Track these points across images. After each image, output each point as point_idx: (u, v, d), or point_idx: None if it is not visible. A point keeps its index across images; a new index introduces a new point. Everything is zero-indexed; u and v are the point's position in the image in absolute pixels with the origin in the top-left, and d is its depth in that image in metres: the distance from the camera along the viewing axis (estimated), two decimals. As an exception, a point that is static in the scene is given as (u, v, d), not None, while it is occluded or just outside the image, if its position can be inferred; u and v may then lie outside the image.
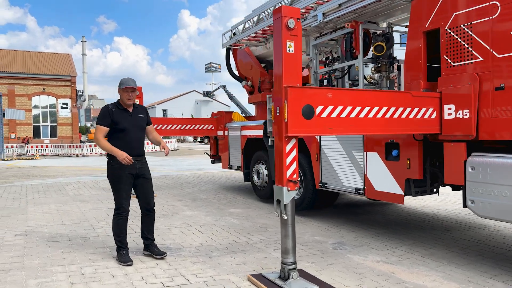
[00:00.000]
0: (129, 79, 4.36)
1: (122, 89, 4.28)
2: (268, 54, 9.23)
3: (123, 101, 4.32)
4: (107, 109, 4.29)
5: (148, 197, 4.49)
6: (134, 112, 4.38)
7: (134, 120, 4.33)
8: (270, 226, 6.07)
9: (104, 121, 4.21)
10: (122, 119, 4.25)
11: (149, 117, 4.60)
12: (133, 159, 4.20)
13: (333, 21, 6.32)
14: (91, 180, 12.26)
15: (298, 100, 3.47)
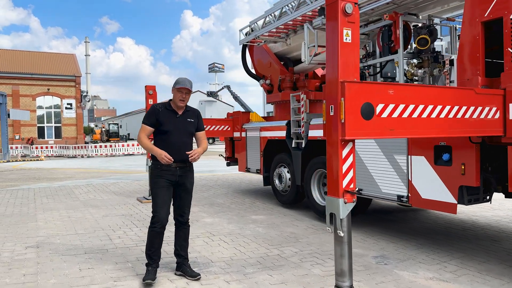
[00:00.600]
0: (186, 80, 3.94)
1: (176, 88, 3.87)
2: (288, 51, 8.76)
3: (174, 101, 3.92)
4: (154, 108, 3.91)
5: (183, 208, 4.04)
6: (184, 115, 3.95)
7: (180, 124, 3.89)
8: (299, 236, 5.59)
9: (148, 120, 3.86)
10: (168, 120, 3.84)
11: (201, 123, 4.14)
12: (174, 165, 3.83)
13: (367, 13, 5.85)
14: (101, 183, 11.82)
15: (357, 97, 2.99)
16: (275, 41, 8.55)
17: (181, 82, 3.87)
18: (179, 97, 3.85)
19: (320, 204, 6.48)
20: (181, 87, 3.83)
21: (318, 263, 4.43)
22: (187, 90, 3.86)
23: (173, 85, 3.91)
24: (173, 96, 3.93)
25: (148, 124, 3.83)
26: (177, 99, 3.87)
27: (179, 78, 3.92)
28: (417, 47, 5.20)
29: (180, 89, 3.84)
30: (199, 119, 4.09)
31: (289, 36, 8.26)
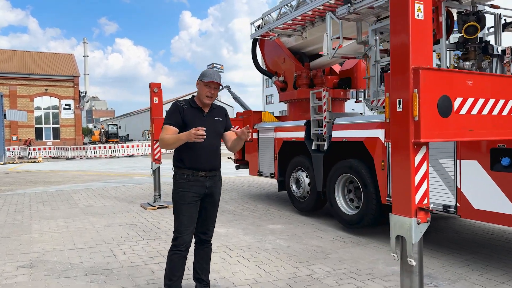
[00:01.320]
0: (215, 72, 3.30)
1: (203, 82, 3.21)
2: (303, 45, 8.13)
3: (200, 98, 3.27)
4: (177, 106, 3.24)
5: (207, 224, 3.40)
6: (211, 114, 3.32)
7: (208, 123, 3.22)
8: (327, 250, 4.95)
9: (172, 119, 3.18)
10: (194, 120, 3.19)
11: (229, 121, 3.51)
12: (204, 175, 3.22)
13: None
14: (101, 187, 11.16)
15: (434, 88, 2.36)
16: (289, 34, 7.93)
17: (210, 75, 3.22)
18: (207, 93, 3.20)
19: (346, 213, 5.84)
20: (209, 81, 3.18)
21: (358, 286, 3.79)
22: (216, 85, 3.22)
23: (199, 78, 3.26)
24: (198, 92, 3.27)
25: (172, 124, 3.15)
26: (203, 95, 3.21)
27: (206, 71, 3.29)
28: (464, 35, 4.58)
29: (208, 83, 3.18)
30: (227, 117, 3.47)
31: (306, 29, 7.63)
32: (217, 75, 3.24)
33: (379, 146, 5.22)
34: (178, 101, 3.28)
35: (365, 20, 6.18)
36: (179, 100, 3.31)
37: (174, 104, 3.28)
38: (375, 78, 5.63)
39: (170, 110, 3.24)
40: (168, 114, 3.23)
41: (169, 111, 3.25)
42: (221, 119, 3.35)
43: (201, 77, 3.24)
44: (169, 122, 3.16)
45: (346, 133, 5.77)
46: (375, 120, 5.29)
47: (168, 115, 3.23)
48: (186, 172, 3.15)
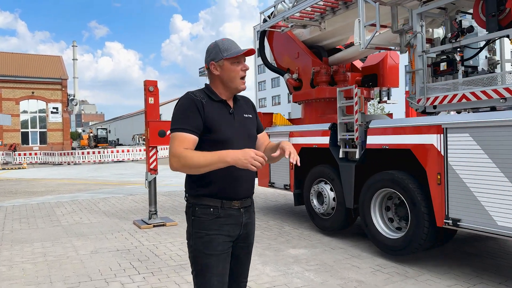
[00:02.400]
0: (234, 43, 2.13)
1: (231, 58, 2.07)
2: (321, 38, 7.11)
3: (229, 84, 2.11)
4: (192, 99, 2.04)
5: (240, 276, 2.24)
6: (237, 109, 2.18)
7: (238, 124, 2.12)
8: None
9: (190, 122, 2.00)
10: (220, 121, 2.05)
11: (258, 118, 2.40)
12: (238, 205, 2.09)
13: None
14: (88, 199, 9.99)
15: None
16: (305, 24, 6.90)
17: (234, 46, 2.09)
18: (241, 73, 2.08)
19: (387, 236, 4.80)
20: (241, 54, 2.05)
21: None
22: (244, 57, 2.11)
23: (216, 57, 2.08)
24: (221, 77, 2.09)
25: (190, 131, 1.98)
26: (236, 78, 2.07)
27: (222, 42, 2.10)
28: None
29: (238, 57, 2.07)
30: (255, 111, 2.35)
31: (325, 18, 6.63)
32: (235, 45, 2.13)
33: (433, 155, 4.19)
34: (191, 92, 2.10)
35: (402, 4, 5.19)
36: (192, 91, 2.11)
37: (186, 97, 2.06)
38: (423, 72, 4.62)
39: (183, 106, 2.03)
40: (180, 114, 2.02)
41: (181, 108, 2.04)
42: (251, 115, 2.24)
43: (222, 52, 2.05)
44: (184, 127, 1.97)
45: (387, 139, 4.74)
46: (429, 123, 4.26)
47: (179, 116, 2.02)
48: (212, 204, 2.04)
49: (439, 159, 4.13)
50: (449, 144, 4.07)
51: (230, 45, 2.08)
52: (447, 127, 4.07)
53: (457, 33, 4.27)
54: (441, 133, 4.12)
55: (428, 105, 4.59)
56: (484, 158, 3.74)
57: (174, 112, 2.06)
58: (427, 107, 4.64)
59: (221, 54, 2.07)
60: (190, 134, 1.97)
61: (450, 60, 4.33)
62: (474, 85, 4.24)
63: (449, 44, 4.37)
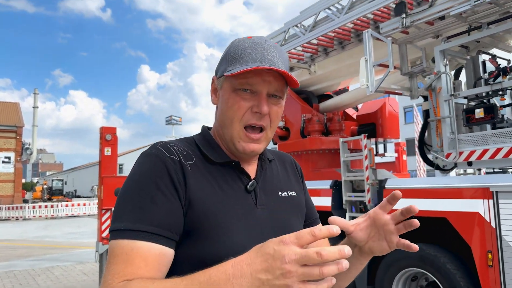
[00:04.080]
0: (261, 48, 0.97)
1: (230, 77, 0.97)
2: (310, 82, 6.27)
3: (221, 129, 1.03)
4: (162, 161, 0.92)
5: None
6: (265, 182, 1.07)
7: (265, 216, 0.99)
8: None
9: (149, 215, 0.87)
10: (224, 209, 0.93)
11: (308, 194, 1.21)
12: None
13: (500, 3, 3.48)
14: (27, 270, 8.22)
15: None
16: (292, 67, 6.07)
17: (255, 53, 0.95)
18: (244, 118, 0.97)
19: (417, 333, 3.65)
20: (255, 68, 0.92)
21: None
22: (274, 76, 0.96)
23: (220, 65, 1.02)
24: (220, 114, 1.02)
25: (151, 236, 0.85)
26: (230, 119, 0.98)
27: (245, 42, 0.98)
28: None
29: (247, 79, 0.95)
30: (303, 182, 1.22)
31: (315, 60, 5.82)
32: (276, 51, 0.98)
33: (480, 226, 3.20)
34: (162, 145, 0.98)
35: (413, 42, 4.43)
36: (165, 144, 0.99)
37: (151, 155, 0.95)
38: (451, 120, 3.74)
39: (140, 178, 0.92)
40: (133, 195, 0.90)
41: (135, 182, 0.92)
42: (295, 192, 1.14)
43: (227, 61, 0.98)
44: (138, 228, 0.84)
45: (411, 203, 3.71)
46: (471, 185, 3.30)
47: (129, 200, 0.90)
48: None
49: (489, 232, 3.14)
50: (501, 213, 3.11)
51: (248, 50, 0.96)
52: (497, 190, 3.12)
53: (497, 72, 3.46)
54: (489, 198, 3.16)
55: (461, 161, 3.67)
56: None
57: (122, 192, 0.93)
58: (459, 163, 3.72)
59: (224, 64, 1.00)
60: (153, 243, 0.85)
61: (489, 106, 3.48)
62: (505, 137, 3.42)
63: (486, 86, 3.54)
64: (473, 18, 3.68)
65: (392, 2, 4.09)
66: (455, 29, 4.02)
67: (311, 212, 1.18)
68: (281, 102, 1.01)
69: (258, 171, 1.07)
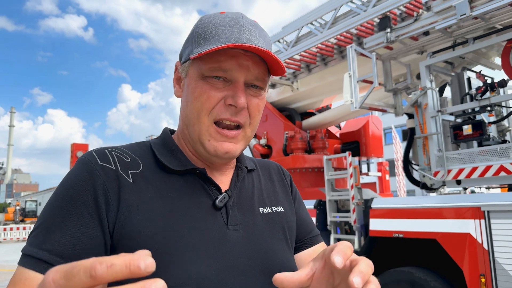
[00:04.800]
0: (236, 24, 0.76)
1: (198, 60, 0.77)
2: (292, 100, 6.14)
3: (187, 127, 0.82)
4: (88, 168, 0.72)
5: None
6: (242, 195, 0.85)
7: (240, 240, 0.77)
8: None
9: (44, 239, 0.66)
10: (176, 230, 0.71)
11: (303, 206, 0.99)
12: None
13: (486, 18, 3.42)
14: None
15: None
16: (274, 83, 5.95)
17: (228, 30, 0.74)
18: (215, 111, 0.76)
19: None
20: (229, 46, 0.71)
21: None
22: (254, 61, 0.76)
23: (185, 47, 0.81)
24: (184, 106, 0.81)
25: (39, 267, 0.63)
26: (197, 113, 0.77)
27: (216, 17, 0.77)
28: None
29: (219, 62, 0.74)
30: (298, 196, 1.00)
31: (298, 77, 5.70)
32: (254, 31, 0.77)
33: (472, 248, 3.04)
34: (99, 148, 0.78)
35: (398, 59, 4.36)
36: (104, 147, 0.78)
37: (79, 161, 0.74)
38: (439, 137, 3.62)
39: (60, 190, 0.71)
40: (47, 209, 0.69)
41: (55, 194, 0.71)
42: (283, 208, 0.90)
43: (195, 42, 0.77)
44: (34, 251, 0.64)
45: (400, 224, 3.55)
46: (461, 204, 3.15)
47: (44, 213, 0.69)
48: None
49: (482, 254, 2.98)
50: (494, 233, 2.95)
51: (220, 27, 0.76)
52: (489, 210, 2.98)
53: (484, 88, 3.37)
54: (481, 218, 3.02)
55: (450, 179, 3.53)
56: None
57: (48, 206, 0.72)
58: (447, 182, 3.58)
59: (190, 46, 0.80)
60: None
61: (478, 122, 3.37)
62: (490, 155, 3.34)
63: (474, 102, 3.44)
64: (459, 33, 3.62)
65: (376, 17, 4.02)
66: (440, 45, 3.97)
67: (305, 229, 0.95)
68: (263, 94, 0.81)
69: (233, 182, 0.85)
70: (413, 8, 3.83)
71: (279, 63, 0.76)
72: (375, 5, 3.94)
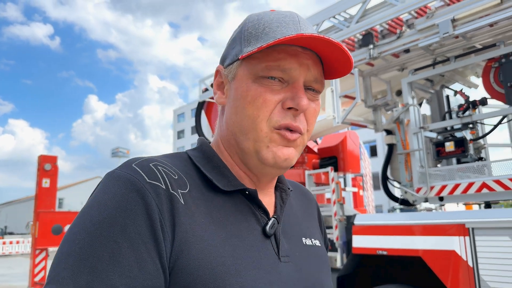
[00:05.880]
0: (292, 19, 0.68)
1: (254, 58, 0.66)
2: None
3: (237, 137, 0.70)
4: (140, 191, 0.57)
5: None
6: (287, 222, 0.74)
7: (289, 269, 0.67)
8: None
9: (91, 280, 0.51)
10: (233, 263, 0.60)
11: (327, 239, 0.91)
12: None
13: (467, 37, 3.49)
14: None
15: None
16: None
17: (278, 26, 0.66)
18: (274, 114, 0.66)
19: None
20: (299, 36, 0.61)
21: None
22: (314, 60, 0.68)
23: (230, 49, 0.71)
24: (225, 114, 0.72)
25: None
26: (254, 118, 0.65)
27: (269, 15, 0.69)
28: None
29: (279, 60, 0.65)
30: (322, 222, 0.91)
31: (277, 90, 5.65)
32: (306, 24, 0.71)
33: (456, 266, 3.03)
34: (138, 163, 0.62)
35: (378, 75, 4.40)
36: (146, 160, 0.64)
37: (120, 178, 0.59)
38: (421, 153, 3.64)
39: (100, 216, 0.55)
40: (84, 243, 0.53)
41: (91, 222, 0.55)
42: (319, 242, 0.81)
43: (245, 41, 0.67)
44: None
45: (383, 241, 3.51)
46: (446, 221, 3.15)
47: (79, 248, 0.53)
48: None
49: (467, 272, 2.97)
50: (479, 250, 2.96)
51: (275, 22, 0.67)
52: (473, 226, 2.98)
53: (466, 106, 3.42)
54: (465, 235, 3.02)
55: (433, 195, 3.54)
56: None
57: (67, 236, 0.56)
58: (430, 198, 3.58)
59: (240, 46, 0.69)
60: None
61: (460, 140, 3.41)
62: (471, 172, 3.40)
63: (456, 119, 3.49)
64: (440, 51, 3.68)
65: (358, 33, 4.04)
66: (420, 62, 4.03)
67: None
68: (319, 99, 0.72)
69: (278, 205, 0.74)
70: (395, 26, 3.87)
71: (347, 59, 0.66)
72: (358, 21, 3.96)
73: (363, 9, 3.91)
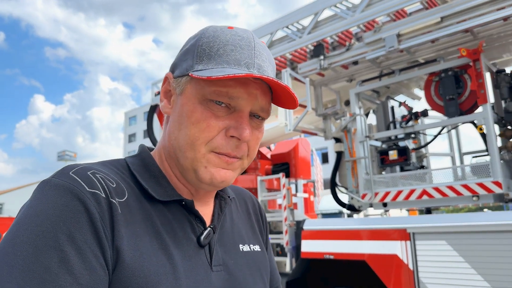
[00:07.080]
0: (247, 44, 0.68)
1: (203, 81, 0.66)
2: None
3: (175, 153, 0.70)
4: (79, 198, 0.56)
5: None
6: (225, 231, 0.76)
7: (223, 277, 0.69)
8: None
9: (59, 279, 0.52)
10: (166, 273, 0.60)
11: (270, 246, 0.92)
12: None
13: (411, 52, 3.70)
14: None
15: None
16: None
17: (233, 49, 0.66)
18: (216, 140, 0.66)
19: None
20: (249, 76, 0.61)
21: None
22: (263, 90, 0.68)
23: (180, 61, 0.70)
24: (169, 125, 0.72)
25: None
26: (193, 140, 0.66)
27: (226, 33, 0.67)
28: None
29: (228, 88, 0.64)
30: (265, 225, 0.92)
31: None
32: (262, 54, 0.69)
33: (398, 269, 3.18)
34: (75, 171, 0.60)
35: (329, 85, 4.55)
36: (83, 168, 0.62)
37: (58, 187, 0.57)
38: (367, 161, 3.80)
39: (43, 225, 0.53)
40: (27, 255, 0.51)
41: (33, 232, 0.53)
42: (259, 247, 0.83)
43: (197, 57, 0.67)
44: None
45: (330, 246, 3.61)
46: (388, 226, 3.30)
47: (22, 260, 0.51)
48: None
49: (407, 275, 3.12)
50: (418, 254, 3.13)
51: (230, 45, 0.66)
52: (414, 231, 3.15)
53: (409, 116, 3.62)
54: (407, 240, 3.18)
55: (377, 201, 3.70)
56: (471, 272, 2.85)
57: (4, 246, 0.53)
58: (375, 204, 3.74)
59: (191, 60, 0.68)
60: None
61: (403, 148, 3.59)
62: (413, 180, 3.61)
63: (399, 129, 3.67)
64: (386, 64, 3.87)
65: (310, 43, 4.15)
66: (367, 74, 4.21)
67: (273, 277, 0.89)
68: (263, 125, 0.73)
69: (216, 215, 0.75)
70: (345, 38, 4.03)
71: (294, 98, 0.67)
72: (310, 32, 4.08)
73: (315, 20, 4.03)
